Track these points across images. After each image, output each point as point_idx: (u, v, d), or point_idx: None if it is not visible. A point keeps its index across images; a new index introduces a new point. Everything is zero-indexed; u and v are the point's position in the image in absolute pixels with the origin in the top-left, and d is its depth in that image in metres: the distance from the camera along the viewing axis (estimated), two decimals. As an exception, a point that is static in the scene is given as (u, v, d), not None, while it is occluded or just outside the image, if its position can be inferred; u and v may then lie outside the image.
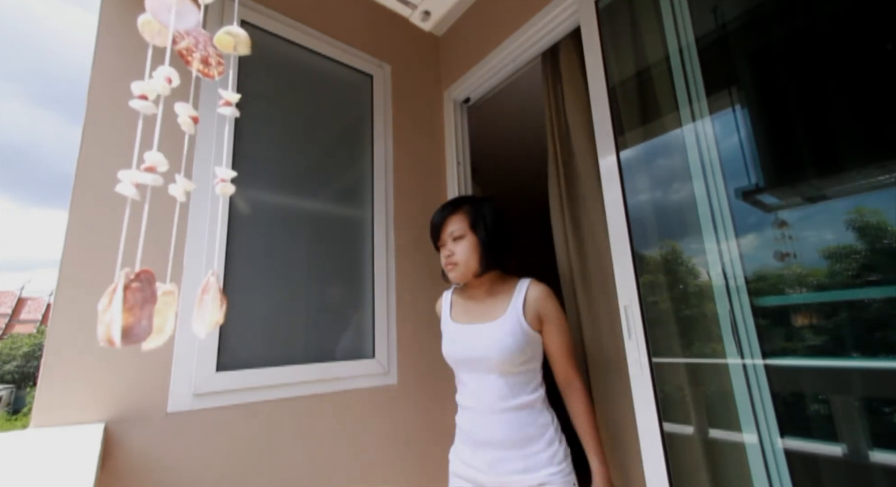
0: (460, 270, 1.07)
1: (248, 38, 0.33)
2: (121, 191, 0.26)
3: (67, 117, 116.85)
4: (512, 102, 2.21)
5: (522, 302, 1.02)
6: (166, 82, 0.27)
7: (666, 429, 0.98)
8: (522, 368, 1.00)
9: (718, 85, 1.00)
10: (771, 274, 0.88)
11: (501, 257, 1.10)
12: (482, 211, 1.09)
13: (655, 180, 1.11)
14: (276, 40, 1.40)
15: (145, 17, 0.28)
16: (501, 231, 1.09)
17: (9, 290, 25.62)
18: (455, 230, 1.09)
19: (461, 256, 1.06)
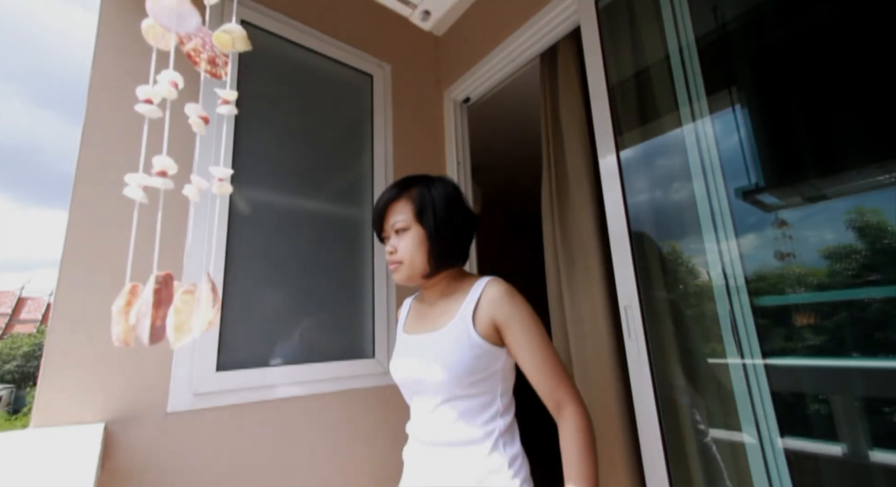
0: (404, 271, 0.85)
1: (244, 33, 0.33)
2: (128, 194, 0.26)
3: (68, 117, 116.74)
4: (512, 102, 2.21)
5: (474, 307, 0.79)
6: (172, 87, 0.27)
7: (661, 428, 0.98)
8: (474, 391, 0.76)
9: (718, 84, 1.00)
10: (771, 273, 0.88)
11: (458, 252, 0.88)
12: (431, 195, 0.86)
13: (655, 180, 1.11)
14: (277, 40, 1.39)
15: (148, 22, 0.28)
16: (456, 220, 0.86)
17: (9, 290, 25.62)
18: (398, 221, 0.86)
19: (405, 253, 0.84)
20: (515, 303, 0.78)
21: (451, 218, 0.85)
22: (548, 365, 0.74)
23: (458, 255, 0.88)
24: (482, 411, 0.77)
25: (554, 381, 0.74)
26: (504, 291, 0.79)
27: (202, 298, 0.28)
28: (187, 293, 0.32)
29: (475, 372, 0.76)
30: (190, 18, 0.27)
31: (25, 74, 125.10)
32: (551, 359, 0.75)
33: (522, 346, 0.75)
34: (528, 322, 0.77)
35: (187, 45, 0.33)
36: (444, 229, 0.84)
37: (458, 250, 0.87)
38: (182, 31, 0.28)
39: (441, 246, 0.84)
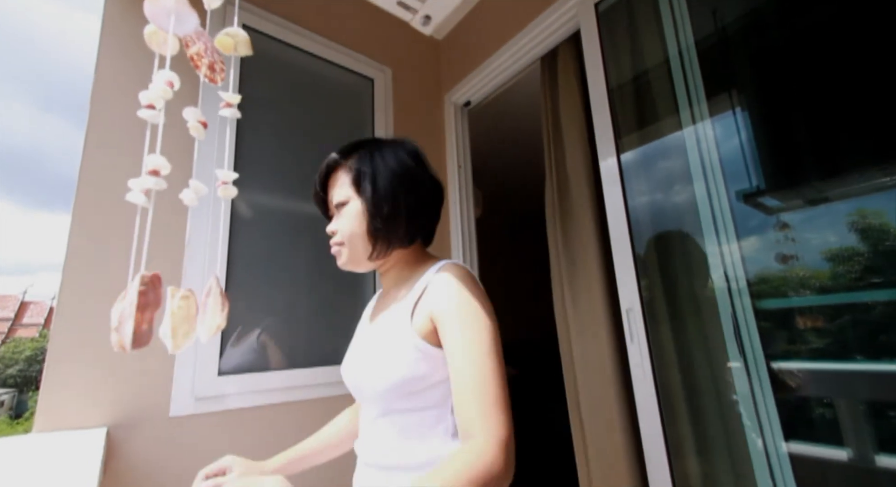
0: (345, 254, 0.70)
1: (247, 37, 0.34)
2: (131, 199, 0.26)
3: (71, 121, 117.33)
4: (513, 105, 2.21)
5: (416, 298, 0.63)
6: (168, 86, 0.27)
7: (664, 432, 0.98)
8: (416, 404, 0.61)
9: (719, 87, 1.00)
10: (773, 276, 0.88)
11: (411, 229, 0.69)
12: (373, 160, 0.69)
13: (656, 183, 1.11)
14: (279, 45, 1.40)
15: (151, 28, 0.28)
16: (407, 189, 0.68)
17: (11, 294, 25.67)
18: (338, 195, 0.70)
19: (345, 233, 0.68)
20: (460, 295, 0.59)
21: (397, 186, 0.67)
22: (475, 383, 0.53)
23: (411, 233, 0.69)
24: (427, 430, 0.60)
25: (475, 407, 0.52)
26: (451, 278, 0.61)
27: (211, 303, 0.28)
28: (185, 298, 0.32)
29: (413, 380, 0.59)
30: (188, 19, 0.27)
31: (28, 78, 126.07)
32: (483, 376, 0.54)
33: (453, 352, 0.56)
34: (469, 320, 0.57)
35: (191, 49, 0.33)
36: (388, 199, 0.66)
37: (409, 226, 0.68)
38: (181, 33, 0.28)
39: (384, 220, 0.66)
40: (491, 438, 0.50)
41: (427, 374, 0.60)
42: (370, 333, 0.70)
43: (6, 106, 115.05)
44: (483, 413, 0.52)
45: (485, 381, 0.54)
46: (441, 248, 1.68)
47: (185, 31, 0.27)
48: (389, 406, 0.62)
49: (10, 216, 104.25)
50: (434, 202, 0.73)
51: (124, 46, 1.07)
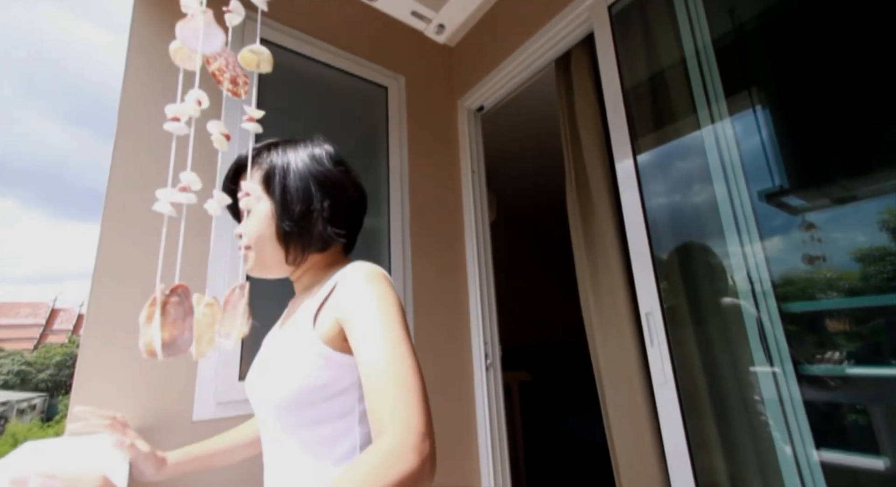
0: (252, 258, 0.63)
1: (270, 55, 0.35)
2: (158, 209, 0.27)
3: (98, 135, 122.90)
4: (527, 109, 2.21)
5: (323, 300, 0.59)
6: (196, 104, 0.28)
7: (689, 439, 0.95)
8: (319, 416, 0.56)
9: (738, 86, 0.98)
10: (799, 277, 0.85)
11: (324, 233, 0.64)
12: (284, 158, 0.65)
13: (674, 183, 1.09)
14: (293, 56, 1.44)
15: (176, 44, 0.30)
16: (320, 189, 0.63)
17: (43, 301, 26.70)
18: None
19: (252, 235, 0.63)
20: (366, 291, 0.55)
21: (312, 186, 0.63)
22: (387, 376, 0.49)
23: (327, 237, 0.64)
24: (333, 445, 0.55)
25: (387, 400, 0.48)
26: (356, 276, 0.57)
27: (238, 311, 0.29)
28: (209, 306, 0.33)
29: (315, 389, 0.55)
30: (215, 39, 0.28)
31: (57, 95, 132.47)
32: (395, 368, 0.50)
33: (361, 347, 0.52)
34: (376, 314, 0.53)
35: (212, 65, 0.35)
36: (300, 200, 0.62)
37: (325, 230, 0.63)
38: (208, 51, 0.29)
39: (294, 222, 0.61)
40: (404, 431, 0.46)
41: (330, 382, 0.55)
42: (274, 342, 0.65)
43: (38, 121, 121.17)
44: (396, 406, 0.47)
45: (397, 373, 0.49)
46: (455, 254, 1.68)
47: (212, 49, 0.29)
48: (291, 420, 0.57)
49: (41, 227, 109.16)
50: (355, 208, 0.69)
51: (150, 62, 1.11)
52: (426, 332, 1.50)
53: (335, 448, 0.56)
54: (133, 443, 0.71)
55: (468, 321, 1.62)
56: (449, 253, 1.66)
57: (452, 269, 1.65)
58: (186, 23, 0.28)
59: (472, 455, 1.50)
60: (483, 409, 1.51)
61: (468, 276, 1.66)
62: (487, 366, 1.55)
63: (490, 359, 1.57)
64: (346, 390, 0.56)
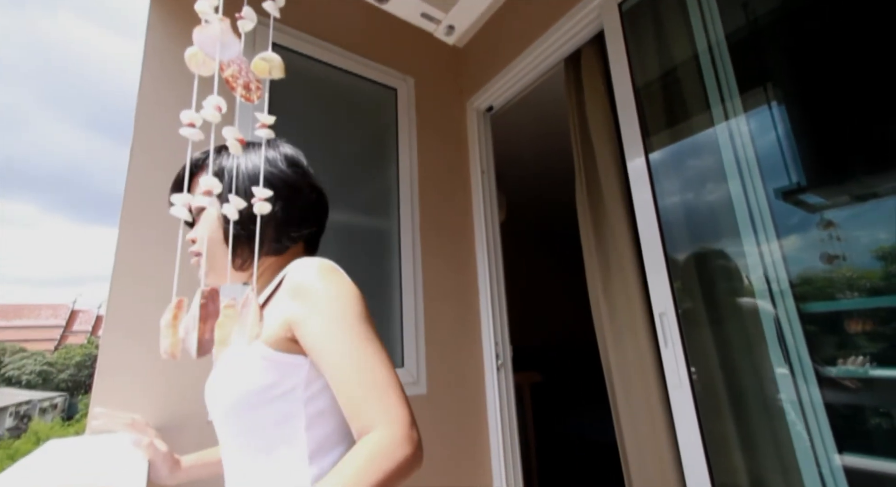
0: (203, 266, 0.56)
1: (281, 62, 0.35)
2: (174, 213, 0.28)
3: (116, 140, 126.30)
4: (537, 109, 2.20)
5: (265, 299, 0.58)
6: (216, 111, 0.28)
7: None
8: (260, 422, 0.53)
9: (752, 82, 0.96)
10: (818, 277, 0.83)
11: (279, 235, 0.62)
12: (235, 159, 0.62)
13: (688, 182, 1.08)
14: (303, 59, 1.45)
15: (192, 50, 0.30)
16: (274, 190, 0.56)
17: (63, 303, 27.40)
18: (197, 199, 0.63)
19: (202, 240, 0.62)
20: (318, 288, 0.52)
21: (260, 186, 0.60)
22: (359, 373, 0.48)
23: (281, 240, 0.62)
24: (280, 452, 0.53)
25: (366, 398, 0.47)
26: (304, 274, 0.54)
27: (249, 313, 0.29)
28: (228, 307, 0.33)
29: (258, 391, 0.52)
30: (232, 46, 0.29)
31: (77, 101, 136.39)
32: (365, 363, 0.48)
33: (323, 349, 0.50)
34: (333, 315, 0.51)
35: (226, 71, 0.35)
36: (246, 202, 0.60)
37: (277, 232, 0.61)
38: (225, 59, 0.30)
39: (242, 225, 0.58)
40: (391, 424, 0.46)
41: (274, 383, 0.53)
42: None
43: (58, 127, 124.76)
44: (377, 404, 0.47)
45: (368, 368, 0.49)
46: (466, 254, 1.68)
47: (229, 56, 0.29)
48: (238, 424, 0.55)
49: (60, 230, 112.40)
50: (312, 210, 0.67)
51: (165, 68, 1.13)
52: (437, 333, 1.50)
53: (285, 453, 0.53)
54: (152, 442, 0.72)
55: (479, 321, 1.62)
56: (459, 254, 1.66)
57: (462, 269, 1.65)
58: (203, 29, 0.29)
59: (483, 456, 1.50)
60: (494, 410, 1.51)
61: (478, 276, 1.66)
62: (498, 367, 1.55)
63: (501, 360, 1.56)
64: (292, 390, 0.53)
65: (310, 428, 0.53)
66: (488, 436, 1.52)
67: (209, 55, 0.29)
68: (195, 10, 0.31)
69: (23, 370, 19.98)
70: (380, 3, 1.57)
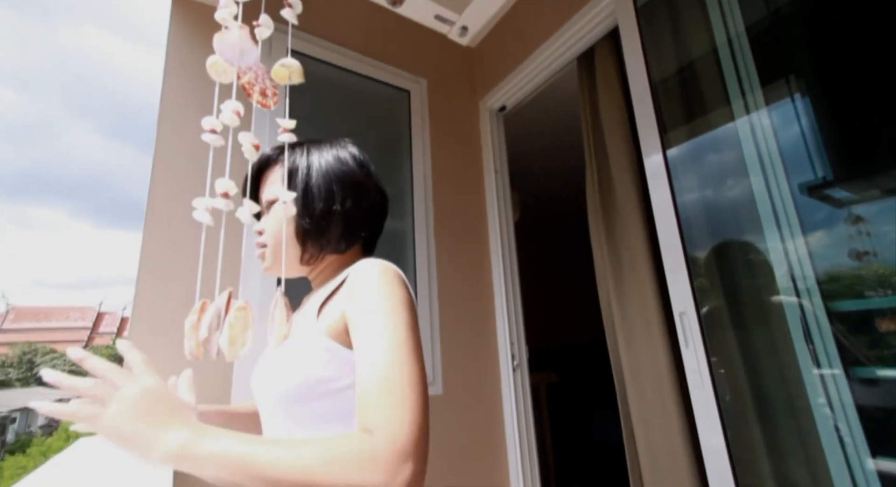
0: (269, 256, 0.65)
1: (301, 67, 0.36)
2: (197, 217, 0.28)
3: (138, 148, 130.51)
4: (549, 107, 2.18)
5: (329, 293, 0.58)
6: (235, 115, 0.29)
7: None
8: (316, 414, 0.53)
9: (774, 74, 0.94)
10: (847, 274, 0.81)
11: (345, 233, 0.64)
12: (307, 157, 0.65)
13: (707, 178, 1.05)
14: (317, 63, 1.47)
15: (213, 58, 0.31)
16: (341, 188, 0.63)
17: (90, 306, 28.34)
18: (268, 192, 0.66)
19: (271, 232, 0.64)
20: (374, 288, 0.52)
21: (333, 186, 0.62)
22: (380, 376, 0.46)
23: (346, 238, 0.64)
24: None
25: (375, 401, 0.44)
26: (367, 273, 0.54)
27: (278, 314, 0.30)
28: (241, 310, 0.34)
29: (318, 382, 0.52)
30: (250, 53, 0.30)
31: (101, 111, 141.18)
32: (391, 369, 0.46)
33: (360, 348, 0.49)
34: (380, 315, 0.50)
35: (243, 78, 0.36)
36: (320, 199, 0.61)
37: (345, 231, 0.63)
38: (243, 65, 0.31)
39: (314, 221, 0.61)
40: (390, 437, 0.41)
41: (335, 377, 0.52)
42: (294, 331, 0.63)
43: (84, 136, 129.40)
44: (388, 406, 0.43)
45: (396, 374, 0.46)
46: (479, 254, 1.68)
47: (247, 62, 0.30)
48: (292, 413, 0.54)
49: (86, 234, 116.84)
50: (376, 210, 0.69)
51: (186, 75, 1.16)
52: (452, 334, 1.50)
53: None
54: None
55: (494, 322, 1.61)
56: (473, 254, 1.66)
57: (477, 270, 1.65)
58: (223, 37, 0.29)
59: (500, 458, 1.49)
60: (511, 411, 1.50)
61: (493, 276, 1.65)
62: (514, 368, 1.54)
63: (517, 361, 1.55)
64: (347, 388, 0.53)
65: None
66: (505, 437, 1.51)
67: (228, 61, 0.29)
68: (215, 20, 0.32)
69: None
70: (393, 6, 1.58)
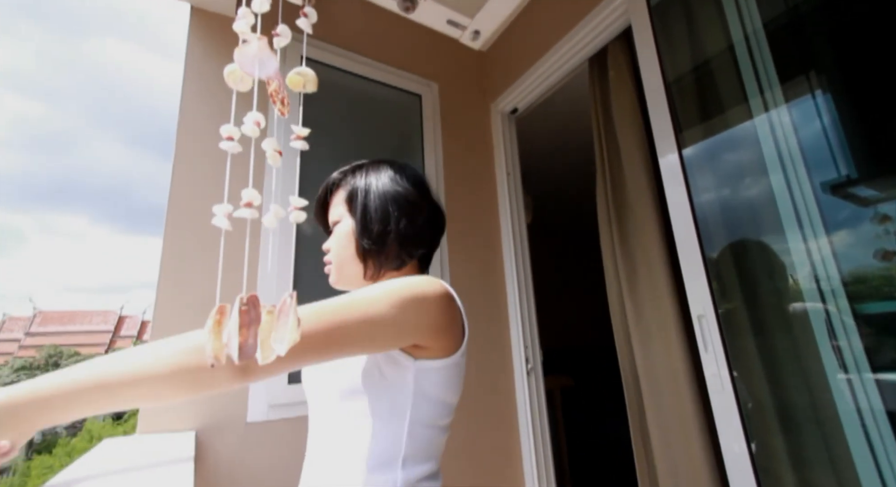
0: (334, 273, 0.68)
1: (315, 76, 0.36)
2: (217, 224, 0.29)
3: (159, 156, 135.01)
4: (561, 108, 2.17)
5: None
6: (255, 126, 0.30)
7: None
8: (365, 409, 0.56)
9: (794, 70, 0.91)
10: (874, 275, 0.78)
11: (403, 251, 0.66)
12: (366, 178, 0.68)
13: (725, 177, 1.03)
14: (329, 70, 1.49)
15: (231, 67, 0.32)
16: (398, 208, 0.65)
17: (112, 310, 29.14)
18: (333, 213, 0.70)
19: (334, 252, 0.68)
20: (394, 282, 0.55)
21: (390, 207, 0.65)
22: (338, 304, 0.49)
23: (402, 256, 0.66)
24: (372, 447, 0.54)
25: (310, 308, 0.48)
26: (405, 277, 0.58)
27: (289, 319, 0.30)
28: (270, 313, 0.34)
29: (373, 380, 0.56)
30: (269, 63, 0.30)
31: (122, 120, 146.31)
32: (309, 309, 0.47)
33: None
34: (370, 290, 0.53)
35: (271, 87, 0.37)
36: (378, 220, 0.64)
37: (400, 250, 0.66)
38: (263, 76, 0.31)
39: (372, 241, 0.64)
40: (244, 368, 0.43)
41: (388, 377, 0.56)
42: None
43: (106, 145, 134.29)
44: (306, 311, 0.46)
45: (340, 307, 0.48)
46: (493, 256, 1.67)
47: (266, 73, 0.30)
48: (343, 408, 0.58)
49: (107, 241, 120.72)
50: (431, 229, 0.71)
51: (204, 84, 1.19)
52: (466, 337, 1.49)
53: (375, 450, 0.54)
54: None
55: (507, 325, 1.60)
56: (486, 256, 1.65)
57: (490, 272, 1.65)
58: (243, 49, 0.30)
59: (515, 462, 1.48)
60: (525, 415, 1.49)
61: (506, 279, 1.64)
62: (528, 371, 1.53)
63: (531, 364, 1.54)
64: (400, 391, 0.56)
65: (410, 437, 0.55)
66: (520, 441, 1.50)
67: (249, 73, 0.30)
68: (231, 30, 0.33)
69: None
70: (406, 12, 1.59)
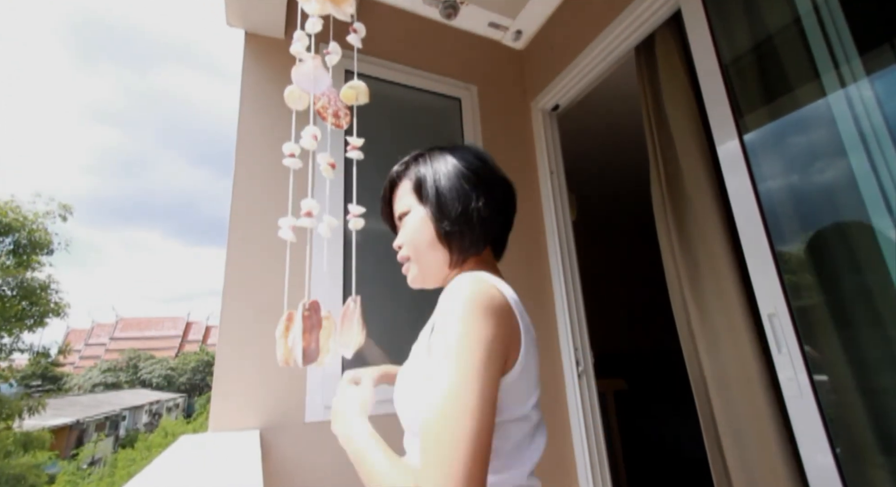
0: (413, 268, 0.63)
1: (366, 88, 0.37)
2: (282, 236, 0.31)
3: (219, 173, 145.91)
4: (604, 102, 2.09)
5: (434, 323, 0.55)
6: (313, 139, 0.31)
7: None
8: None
9: (875, 40, 0.82)
10: None
11: (481, 234, 0.61)
12: (430, 164, 0.63)
13: (793, 163, 0.94)
14: (372, 81, 1.53)
15: (290, 89, 0.33)
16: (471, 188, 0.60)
17: (180, 316, 31.71)
18: (399, 206, 0.65)
19: (410, 244, 0.62)
20: (451, 320, 0.47)
21: (465, 185, 0.60)
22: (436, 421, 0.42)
23: (484, 237, 0.62)
24: None
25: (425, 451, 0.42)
26: (451, 299, 0.49)
27: (354, 323, 0.31)
28: (326, 319, 0.36)
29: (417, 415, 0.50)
30: (323, 80, 0.31)
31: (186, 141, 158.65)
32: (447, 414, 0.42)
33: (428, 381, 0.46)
34: (450, 352, 0.45)
35: (318, 103, 0.38)
36: (456, 199, 0.59)
37: (482, 229, 0.60)
38: (317, 92, 0.33)
39: (453, 222, 0.58)
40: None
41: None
42: (412, 356, 0.62)
43: (172, 165, 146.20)
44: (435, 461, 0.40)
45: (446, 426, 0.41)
46: (538, 256, 1.64)
47: (321, 89, 0.32)
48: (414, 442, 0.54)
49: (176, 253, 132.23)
50: (507, 203, 0.66)
51: (259, 104, 1.27)
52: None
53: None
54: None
55: (556, 327, 1.56)
56: (531, 257, 1.62)
57: (536, 273, 1.61)
58: (299, 68, 0.31)
59: (569, 468, 1.43)
60: (578, 419, 1.44)
61: (552, 279, 1.60)
62: (579, 374, 1.48)
63: (582, 367, 1.49)
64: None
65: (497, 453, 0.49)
66: (573, 447, 1.45)
67: (305, 90, 0.32)
68: (283, 52, 0.35)
69: (153, 374, 23.39)
70: (448, 19, 1.60)
